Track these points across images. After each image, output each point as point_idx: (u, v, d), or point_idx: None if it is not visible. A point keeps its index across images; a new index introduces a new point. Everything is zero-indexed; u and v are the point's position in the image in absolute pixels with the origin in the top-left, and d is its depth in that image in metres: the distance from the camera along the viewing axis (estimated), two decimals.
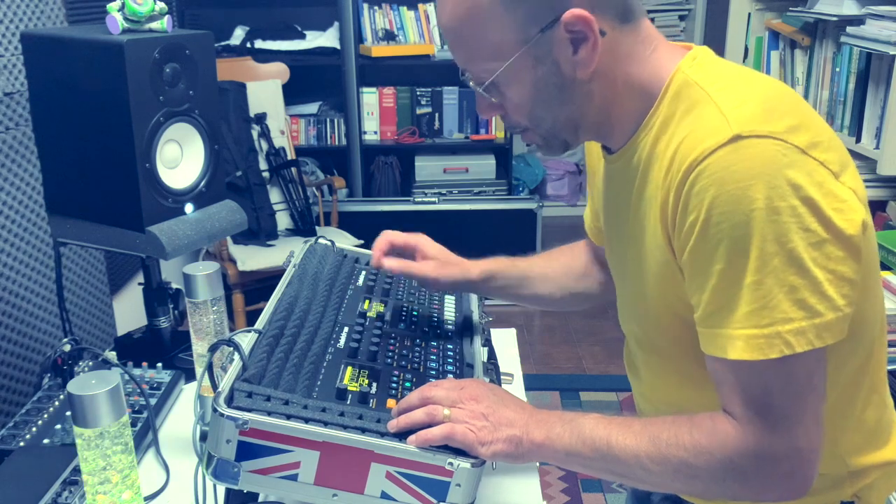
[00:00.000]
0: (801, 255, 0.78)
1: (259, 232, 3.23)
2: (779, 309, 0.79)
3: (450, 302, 1.31)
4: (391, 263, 1.16)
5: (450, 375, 1.07)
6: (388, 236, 1.20)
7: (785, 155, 0.78)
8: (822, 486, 0.94)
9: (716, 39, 1.02)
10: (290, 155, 3.46)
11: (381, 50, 3.89)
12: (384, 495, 0.91)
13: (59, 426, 1.24)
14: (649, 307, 0.96)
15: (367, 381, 1.01)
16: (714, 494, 0.91)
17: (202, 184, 1.50)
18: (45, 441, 1.21)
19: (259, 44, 3.86)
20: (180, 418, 1.37)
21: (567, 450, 0.91)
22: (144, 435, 1.25)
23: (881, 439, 1.00)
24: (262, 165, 3.34)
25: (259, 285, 3.07)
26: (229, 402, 0.88)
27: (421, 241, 1.21)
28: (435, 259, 1.20)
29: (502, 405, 0.95)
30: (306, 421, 0.88)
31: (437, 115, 4.13)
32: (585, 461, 0.91)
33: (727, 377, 0.84)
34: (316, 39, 3.94)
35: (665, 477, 0.88)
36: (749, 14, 2.93)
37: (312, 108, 4.11)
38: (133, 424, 1.20)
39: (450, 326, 1.22)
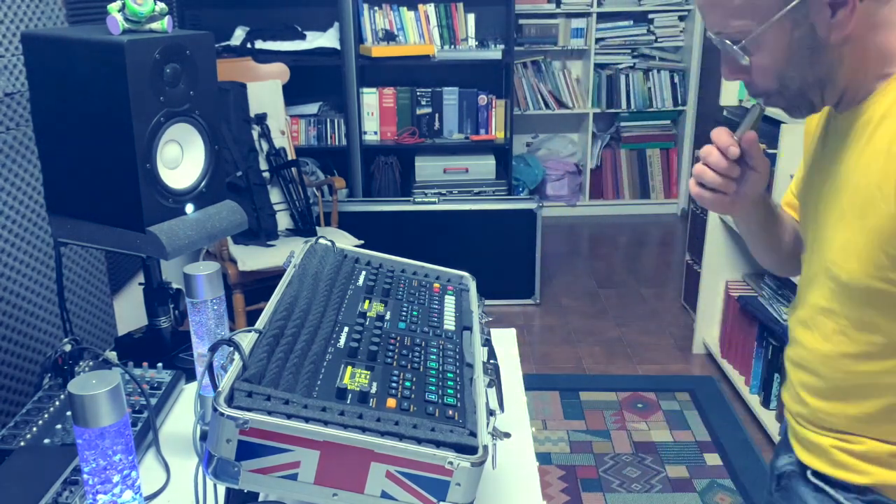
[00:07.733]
0: None
1: (259, 232, 3.23)
2: None
3: (450, 302, 1.31)
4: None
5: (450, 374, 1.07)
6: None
7: None
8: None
9: None
10: (291, 155, 3.46)
11: (381, 50, 3.89)
12: (384, 495, 0.91)
13: (59, 426, 1.24)
14: (851, 260, 0.97)
15: (367, 381, 1.01)
16: None
17: (202, 184, 1.50)
18: (46, 441, 1.21)
19: (259, 44, 3.86)
20: (180, 418, 1.37)
21: None
22: (145, 435, 1.25)
23: None
24: (263, 165, 3.34)
25: (259, 285, 3.07)
26: (229, 401, 0.88)
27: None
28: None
29: None
30: (306, 420, 0.88)
31: (437, 115, 4.13)
32: None
33: None
34: (316, 40, 3.94)
35: None
36: None
37: (312, 108, 4.11)
38: (133, 424, 1.20)
39: (450, 326, 1.23)
